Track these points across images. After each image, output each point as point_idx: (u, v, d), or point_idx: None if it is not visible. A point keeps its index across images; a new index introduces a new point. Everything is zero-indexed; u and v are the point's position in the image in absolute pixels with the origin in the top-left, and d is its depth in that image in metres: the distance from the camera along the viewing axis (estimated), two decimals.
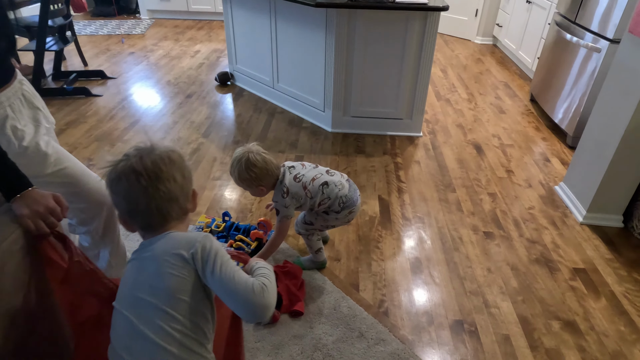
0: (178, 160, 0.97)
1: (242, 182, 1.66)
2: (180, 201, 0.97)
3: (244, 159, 1.63)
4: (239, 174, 1.64)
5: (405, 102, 2.97)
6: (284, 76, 3.37)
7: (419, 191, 2.49)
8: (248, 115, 3.37)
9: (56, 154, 1.36)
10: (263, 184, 1.68)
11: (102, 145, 2.91)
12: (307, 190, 1.71)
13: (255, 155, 1.65)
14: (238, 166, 1.64)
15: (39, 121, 1.36)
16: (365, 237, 2.13)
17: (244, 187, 1.72)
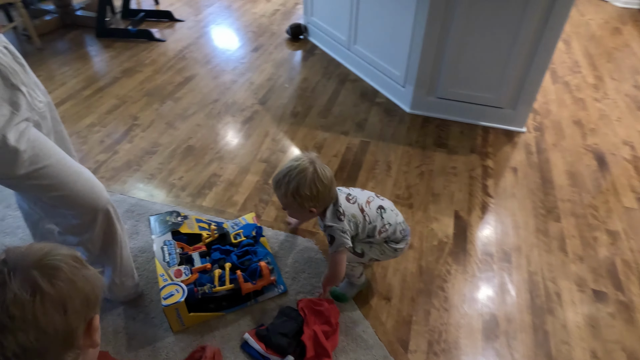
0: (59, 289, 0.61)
1: (293, 198, 1.28)
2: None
3: (310, 172, 1.25)
4: (297, 189, 1.26)
5: (511, 86, 2.30)
6: (362, 37, 2.80)
7: (510, 212, 1.92)
8: (315, 80, 2.90)
9: (33, 150, 1.04)
10: (318, 205, 1.31)
11: (152, 102, 2.64)
12: (365, 214, 1.37)
13: (323, 169, 1.28)
14: (299, 179, 1.25)
15: (17, 105, 1.04)
16: (429, 271, 1.66)
17: (288, 206, 1.35)
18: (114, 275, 1.40)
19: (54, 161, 1.09)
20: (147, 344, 1.41)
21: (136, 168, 2.14)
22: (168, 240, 1.53)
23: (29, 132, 1.04)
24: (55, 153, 1.11)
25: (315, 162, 1.28)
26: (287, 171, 1.28)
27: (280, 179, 1.29)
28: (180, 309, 1.37)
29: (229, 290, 1.47)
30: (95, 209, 1.19)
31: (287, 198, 1.30)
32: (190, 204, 1.93)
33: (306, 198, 1.27)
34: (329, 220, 1.33)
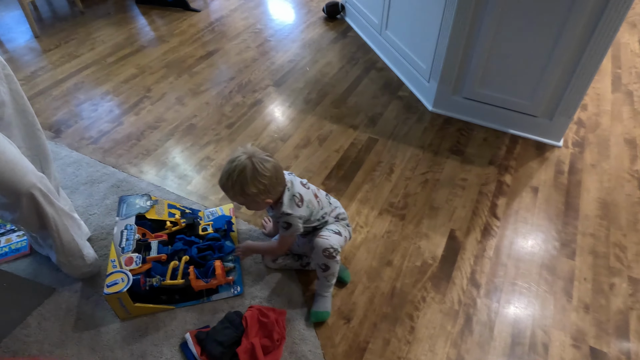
0: None
1: (244, 198, 1.25)
2: None
3: (250, 169, 1.21)
4: (242, 188, 1.22)
5: (549, 93, 1.99)
6: (394, 23, 2.57)
7: (515, 240, 1.69)
8: (339, 65, 2.72)
9: None
10: (270, 196, 1.27)
11: (169, 74, 2.62)
12: (318, 199, 1.39)
13: (261, 163, 1.22)
14: (241, 179, 1.21)
15: None
16: (402, 294, 1.50)
17: (243, 204, 1.30)
18: (58, 254, 1.39)
19: None
20: (93, 326, 1.40)
21: (134, 142, 2.13)
22: (130, 224, 1.49)
23: None
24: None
25: (253, 156, 1.21)
26: (227, 175, 1.22)
27: (224, 184, 1.24)
28: (122, 298, 1.33)
29: (180, 285, 1.41)
30: (16, 192, 1.16)
31: (238, 198, 1.27)
32: (175, 185, 1.89)
33: (255, 194, 1.23)
34: (287, 207, 1.30)
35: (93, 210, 1.78)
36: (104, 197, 1.82)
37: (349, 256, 1.62)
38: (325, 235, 1.35)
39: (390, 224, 1.74)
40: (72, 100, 2.42)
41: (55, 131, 2.20)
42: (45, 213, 1.25)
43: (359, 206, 1.81)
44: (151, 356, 1.33)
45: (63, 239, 1.37)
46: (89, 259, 1.48)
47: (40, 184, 1.22)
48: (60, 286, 1.51)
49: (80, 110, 2.34)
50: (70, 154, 2.04)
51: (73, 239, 1.38)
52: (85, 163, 1.99)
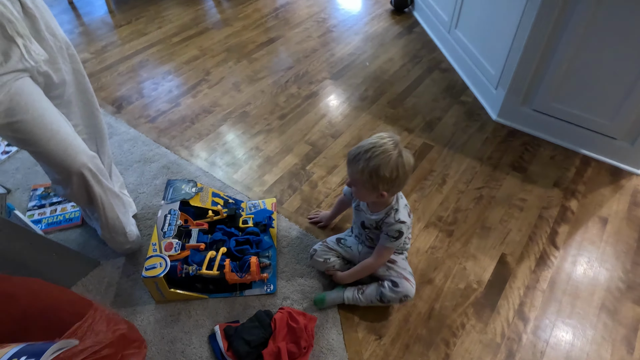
0: None
1: (369, 177, 1.16)
2: None
3: (395, 154, 1.15)
4: (378, 168, 1.15)
5: (634, 114, 1.78)
6: (464, 21, 2.41)
7: (573, 274, 1.54)
8: (401, 62, 2.60)
9: (10, 103, 1.05)
10: (391, 191, 1.23)
11: (229, 59, 2.63)
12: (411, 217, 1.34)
13: (407, 155, 1.19)
14: (382, 158, 1.14)
15: (8, 56, 1.05)
16: (440, 317, 1.41)
17: (358, 183, 1.22)
18: (102, 229, 1.43)
19: (30, 117, 1.09)
20: (130, 305, 1.44)
21: (189, 125, 2.16)
22: (174, 209, 1.51)
23: (12, 85, 1.05)
24: (35, 109, 1.10)
25: (399, 145, 1.17)
26: (370, 147, 1.15)
27: (360, 153, 1.16)
28: (159, 283, 1.35)
29: (215, 275, 1.41)
30: (67, 170, 1.19)
31: (362, 175, 1.17)
32: (222, 173, 1.90)
33: (384, 180, 1.17)
34: (402, 214, 1.28)
35: (142, 188, 1.82)
36: (154, 177, 1.87)
37: None
38: (410, 279, 1.35)
39: (436, 239, 1.64)
40: (135, 77, 2.49)
41: (117, 107, 2.28)
42: (93, 191, 1.29)
43: None
44: (180, 343, 1.34)
45: (108, 216, 1.41)
46: (132, 237, 1.52)
47: (90, 164, 1.25)
48: (105, 260, 1.57)
49: (142, 88, 2.41)
50: (128, 131, 2.11)
51: (117, 217, 1.42)
52: (140, 141, 2.05)
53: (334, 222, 1.69)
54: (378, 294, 1.35)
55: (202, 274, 1.40)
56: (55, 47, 1.19)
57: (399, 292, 1.33)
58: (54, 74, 1.19)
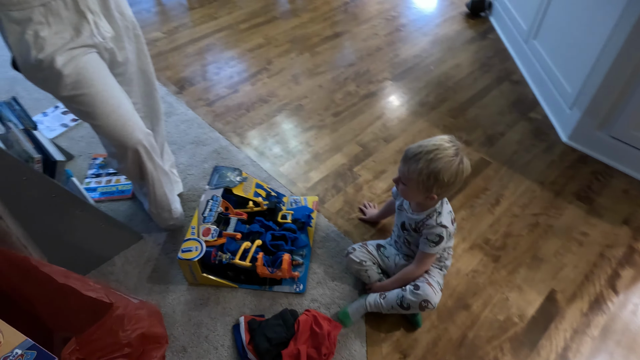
0: None
1: (427, 178, 1.14)
2: None
3: (457, 161, 1.13)
4: (439, 172, 1.12)
5: None
6: (545, 33, 2.23)
7: (633, 324, 1.38)
8: (469, 69, 2.47)
9: (77, 76, 1.10)
10: (442, 195, 1.22)
11: (292, 50, 2.63)
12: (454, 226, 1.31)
13: (468, 164, 1.17)
14: (445, 162, 1.12)
15: (79, 31, 1.09)
16: (473, 347, 1.33)
17: (411, 182, 1.18)
18: (150, 204, 1.49)
19: (94, 91, 1.13)
20: (164, 282, 1.49)
21: (244, 112, 2.19)
22: (216, 196, 1.53)
23: (80, 59, 1.09)
24: (99, 84, 1.14)
25: (461, 151, 1.15)
26: (433, 148, 1.12)
27: (421, 153, 1.13)
28: (192, 266, 1.38)
29: (247, 267, 1.42)
30: (124, 145, 1.23)
31: (420, 175, 1.14)
32: (269, 164, 1.91)
33: (440, 184, 1.15)
34: (445, 219, 1.24)
35: (192, 170, 1.87)
36: (204, 160, 1.91)
37: None
38: (435, 287, 1.28)
39: (479, 262, 1.54)
40: (201, 60, 2.56)
41: (180, 87, 2.35)
42: (145, 167, 1.33)
43: None
44: (205, 328, 1.36)
45: (157, 192, 1.46)
46: (176, 214, 1.57)
47: (145, 141, 1.29)
48: (148, 235, 1.63)
49: (205, 71, 2.47)
50: (186, 112, 2.17)
51: (165, 194, 1.47)
52: (196, 123, 2.10)
53: (379, 224, 1.64)
54: (399, 298, 1.29)
55: (234, 263, 1.41)
56: (122, 26, 1.23)
57: (419, 296, 1.25)
58: (118, 52, 1.23)
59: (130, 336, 0.94)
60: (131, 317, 0.96)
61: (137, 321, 0.97)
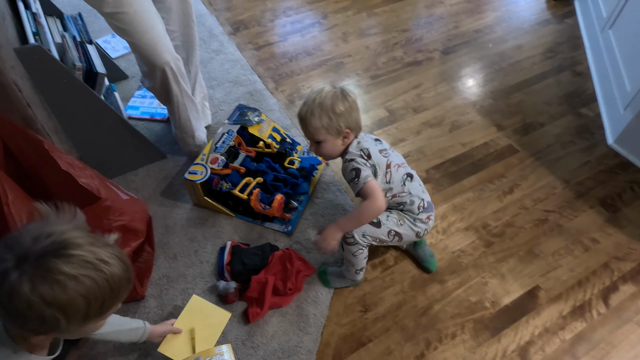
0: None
1: (329, 119, 1.18)
2: None
3: (339, 90, 1.21)
4: (333, 105, 1.17)
5: None
6: (622, 24, 2.00)
7: (611, 342, 1.31)
8: (530, 53, 2.30)
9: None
10: (351, 127, 1.21)
11: (350, 7, 2.61)
12: (389, 171, 1.25)
13: (345, 89, 1.22)
14: (331, 96, 1.18)
15: None
16: (435, 319, 1.35)
17: (321, 133, 1.19)
18: (175, 128, 1.64)
19: (132, 11, 1.26)
20: (173, 198, 1.66)
21: (286, 61, 2.26)
22: (232, 130, 1.65)
23: None
24: (137, 5, 1.27)
25: (335, 84, 1.24)
26: (315, 95, 1.19)
27: (309, 104, 1.19)
28: (196, 187, 1.53)
29: (243, 199, 1.53)
30: (153, 64, 1.37)
31: (320, 121, 1.18)
32: (292, 112, 1.98)
33: (341, 115, 1.18)
34: (351, 154, 1.22)
35: (223, 106, 2.00)
36: (237, 100, 2.03)
37: (405, 254, 1.50)
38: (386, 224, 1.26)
39: (470, 245, 1.53)
40: (260, 5, 2.64)
41: (235, 29, 2.46)
42: (171, 89, 1.47)
43: (449, 211, 1.62)
44: (197, 244, 1.52)
45: (181, 116, 1.60)
46: (199, 141, 1.71)
47: (173, 64, 1.42)
48: (171, 156, 1.80)
49: (262, 17, 2.55)
50: (234, 53, 2.28)
51: (189, 119, 1.61)
52: (240, 65, 2.21)
53: None
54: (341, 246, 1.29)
55: (233, 193, 1.54)
56: None
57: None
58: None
59: (112, 225, 1.10)
60: (116, 209, 1.11)
61: (121, 214, 1.12)
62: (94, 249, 0.62)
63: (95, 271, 0.61)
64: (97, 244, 0.63)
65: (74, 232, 0.62)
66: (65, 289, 0.58)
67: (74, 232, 0.62)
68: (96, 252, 0.61)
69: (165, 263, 1.47)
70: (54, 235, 0.60)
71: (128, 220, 1.13)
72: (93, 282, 0.60)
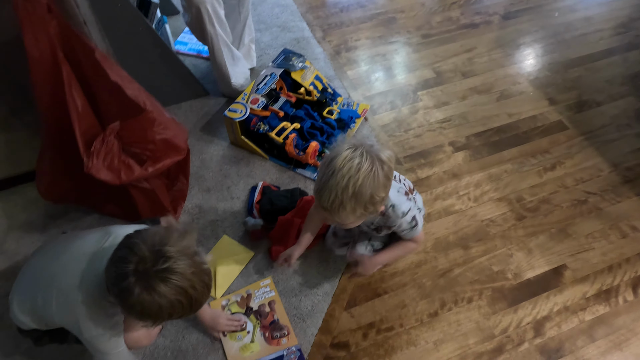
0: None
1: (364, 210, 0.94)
2: None
3: (377, 164, 0.91)
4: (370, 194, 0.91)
5: None
6: None
7: (634, 329, 1.28)
8: (598, 26, 2.13)
9: None
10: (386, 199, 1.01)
11: None
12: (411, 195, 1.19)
13: (387, 152, 0.94)
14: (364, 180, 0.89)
15: None
16: (452, 282, 1.35)
17: (353, 223, 1.02)
18: (213, 69, 1.66)
19: None
20: (211, 134, 1.70)
21: (337, 11, 2.20)
22: (275, 74, 1.65)
23: None
24: None
25: (365, 148, 0.92)
26: (343, 176, 0.89)
27: (336, 192, 0.90)
28: (234, 125, 1.56)
29: (279, 143, 1.55)
30: (191, 2, 1.38)
31: (355, 213, 0.94)
32: (339, 65, 1.95)
33: (382, 200, 0.95)
34: (402, 207, 1.06)
35: (269, 50, 1.99)
36: (283, 45, 2.01)
37: (433, 215, 1.49)
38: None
39: (500, 215, 1.50)
40: None
41: None
42: (206, 29, 1.49)
43: (484, 179, 1.59)
44: (230, 181, 1.57)
45: (216, 60, 1.63)
46: (235, 85, 1.72)
47: (209, 5, 1.44)
48: (212, 94, 1.83)
49: None
50: None
51: (223, 64, 1.63)
52: (289, 10, 2.18)
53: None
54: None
55: (269, 135, 1.56)
56: None
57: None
58: None
59: (155, 137, 1.15)
60: (160, 123, 1.16)
61: (165, 128, 1.17)
62: (191, 278, 0.78)
63: (185, 296, 0.78)
64: (195, 271, 0.79)
65: (183, 261, 0.77)
66: (160, 304, 0.76)
67: (182, 261, 0.77)
68: (191, 281, 0.78)
69: (199, 195, 1.54)
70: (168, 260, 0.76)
71: (171, 135, 1.18)
72: (179, 304, 0.78)
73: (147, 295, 0.75)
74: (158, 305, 0.76)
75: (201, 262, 0.81)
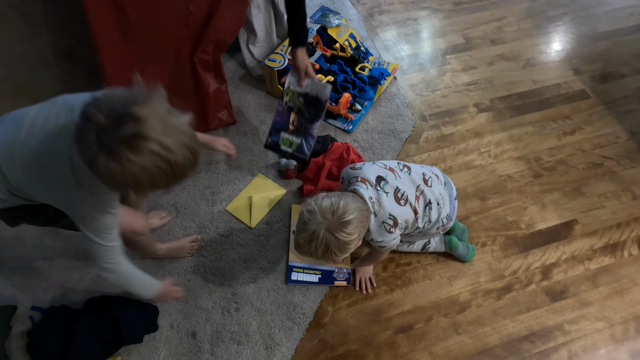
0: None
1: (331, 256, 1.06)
2: None
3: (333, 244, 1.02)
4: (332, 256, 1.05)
5: None
6: None
7: (635, 280, 1.38)
8: (630, 2, 2.16)
9: None
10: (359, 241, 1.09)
11: None
12: (417, 216, 1.17)
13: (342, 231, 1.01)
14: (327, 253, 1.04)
15: None
16: (469, 226, 1.46)
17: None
18: None
19: None
20: (251, 85, 1.81)
21: None
22: (312, 29, 1.73)
23: None
24: None
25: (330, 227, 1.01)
26: (311, 249, 1.03)
27: (311, 254, 1.05)
28: (272, 74, 1.66)
29: None
30: None
31: (334, 259, 1.13)
32: (371, 27, 2.03)
33: (344, 250, 1.06)
34: (376, 234, 1.13)
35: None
36: (318, 4, 2.08)
37: (454, 168, 1.59)
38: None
39: (518, 172, 1.59)
40: None
41: None
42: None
43: (505, 139, 1.67)
44: (265, 126, 1.68)
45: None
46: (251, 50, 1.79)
47: None
48: None
49: None
50: None
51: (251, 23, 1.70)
52: None
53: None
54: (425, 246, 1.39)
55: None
56: None
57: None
58: None
59: None
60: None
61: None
62: (164, 138, 0.67)
63: (160, 160, 0.67)
64: (168, 131, 0.67)
65: (150, 121, 0.66)
66: (134, 173, 0.67)
67: (150, 122, 0.66)
68: (164, 143, 0.67)
69: (237, 137, 1.65)
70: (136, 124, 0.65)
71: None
72: (158, 169, 0.68)
73: (115, 164, 0.65)
74: (132, 175, 0.67)
75: (176, 122, 0.70)
